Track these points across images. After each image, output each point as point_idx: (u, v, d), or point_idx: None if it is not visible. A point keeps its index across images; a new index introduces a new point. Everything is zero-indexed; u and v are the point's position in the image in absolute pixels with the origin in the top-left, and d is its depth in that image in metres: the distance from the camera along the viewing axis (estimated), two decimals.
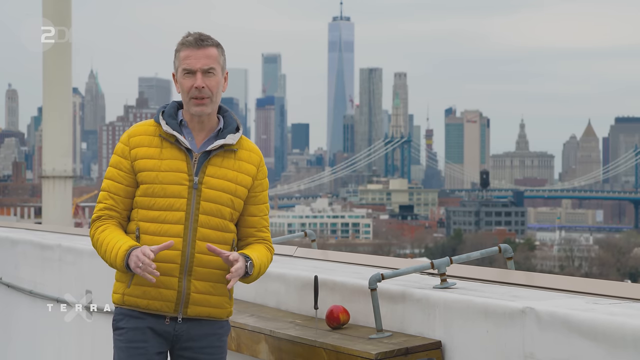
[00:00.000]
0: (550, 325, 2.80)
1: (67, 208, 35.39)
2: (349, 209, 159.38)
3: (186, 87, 3.16)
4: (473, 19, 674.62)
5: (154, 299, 3.15)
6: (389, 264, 3.94)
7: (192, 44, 3.16)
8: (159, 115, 3.22)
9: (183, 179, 3.15)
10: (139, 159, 3.18)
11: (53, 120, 32.80)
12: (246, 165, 3.24)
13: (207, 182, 3.16)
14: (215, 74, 3.18)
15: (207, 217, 3.16)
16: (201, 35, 3.18)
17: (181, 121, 3.21)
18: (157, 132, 3.21)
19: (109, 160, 3.27)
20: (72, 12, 31.59)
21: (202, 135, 3.21)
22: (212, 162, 3.19)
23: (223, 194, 3.18)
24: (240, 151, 3.24)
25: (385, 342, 3.21)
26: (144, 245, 3.10)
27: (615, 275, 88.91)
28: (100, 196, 3.24)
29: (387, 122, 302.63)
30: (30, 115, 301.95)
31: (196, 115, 3.18)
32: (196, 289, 3.16)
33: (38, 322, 6.03)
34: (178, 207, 3.14)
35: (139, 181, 3.19)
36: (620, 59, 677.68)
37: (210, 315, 3.20)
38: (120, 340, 3.19)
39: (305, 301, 3.83)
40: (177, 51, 3.19)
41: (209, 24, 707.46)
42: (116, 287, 3.23)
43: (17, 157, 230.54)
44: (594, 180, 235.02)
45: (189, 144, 3.18)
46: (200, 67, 3.15)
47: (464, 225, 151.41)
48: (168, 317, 3.17)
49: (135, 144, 3.20)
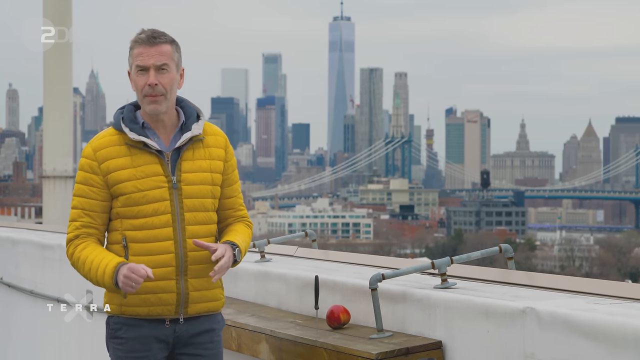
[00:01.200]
0: (551, 325, 2.80)
1: (68, 208, 35.42)
2: (349, 209, 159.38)
3: (140, 84, 3.11)
4: (473, 19, 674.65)
5: (154, 305, 3.12)
6: (390, 264, 3.94)
7: (145, 41, 3.10)
8: (120, 123, 3.15)
9: (161, 182, 3.12)
10: (112, 172, 3.12)
11: (53, 120, 32.82)
12: (215, 151, 3.22)
13: (185, 179, 3.14)
14: (169, 71, 3.11)
15: (192, 213, 3.15)
16: (154, 32, 3.11)
17: (143, 123, 3.16)
18: (122, 140, 3.13)
19: (75, 177, 3.16)
20: (72, 12, 31.60)
21: (166, 132, 3.17)
22: (185, 157, 3.15)
23: (202, 187, 3.17)
24: (206, 138, 3.21)
25: (386, 342, 3.21)
26: (131, 263, 3.05)
27: (615, 275, 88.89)
28: (73, 214, 3.17)
29: (388, 122, 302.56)
30: (31, 115, 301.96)
31: (152, 113, 3.13)
32: (194, 287, 3.15)
33: (38, 322, 6.03)
34: (163, 211, 3.11)
35: (116, 194, 3.13)
36: (620, 59, 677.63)
37: (209, 309, 3.20)
38: (120, 350, 3.16)
39: (305, 301, 3.83)
40: (130, 49, 3.13)
41: (210, 24, 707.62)
42: (110, 298, 3.18)
43: (17, 157, 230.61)
44: (594, 180, 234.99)
45: (157, 145, 3.14)
46: (153, 64, 3.08)
47: (465, 225, 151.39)
48: (168, 320, 3.15)
49: (104, 157, 3.13)
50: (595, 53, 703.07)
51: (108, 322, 3.22)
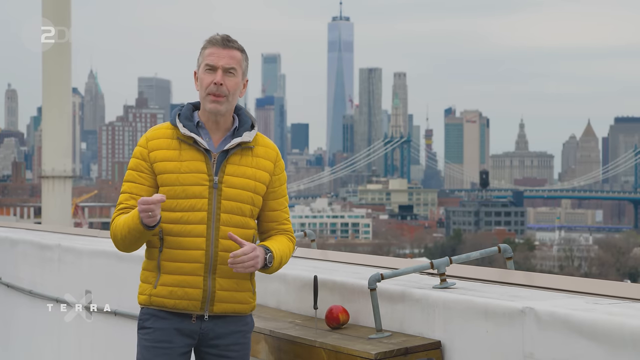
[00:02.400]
0: (550, 325, 2.80)
1: (67, 208, 35.41)
2: (348, 209, 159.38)
3: (206, 82, 3.21)
4: (472, 19, 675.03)
5: (180, 299, 3.20)
6: (389, 264, 3.94)
7: (219, 42, 3.22)
8: (176, 118, 3.26)
9: (203, 180, 3.21)
10: (159, 162, 3.22)
11: (53, 120, 32.82)
12: (263, 162, 3.30)
13: (226, 181, 3.22)
14: (236, 75, 3.23)
15: (229, 215, 3.21)
16: (229, 37, 3.24)
17: (198, 122, 3.27)
18: (174, 134, 3.25)
19: (127, 164, 3.31)
20: (71, 12, 31.62)
21: (218, 134, 3.27)
22: (231, 160, 3.24)
23: (243, 192, 3.24)
24: (256, 148, 3.30)
25: (385, 342, 3.21)
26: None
27: (614, 275, 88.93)
28: (121, 198, 3.27)
29: (387, 122, 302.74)
30: (30, 115, 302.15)
31: (211, 112, 3.23)
32: (221, 286, 3.22)
33: (38, 322, 6.03)
34: (200, 208, 3.19)
35: (159, 183, 3.23)
36: (619, 59, 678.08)
37: (235, 311, 3.26)
38: (146, 340, 3.24)
39: (304, 301, 3.83)
40: (203, 48, 3.25)
41: (209, 23, 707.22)
42: (142, 288, 3.28)
43: (16, 157, 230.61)
44: (593, 180, 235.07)
45: (206, 144, 3.24)
46: (222, 65, 3.20)
47: (464, 225, 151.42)
48: (194, 316, 3.22)
49: (154, 146, 3.24)
50: (594, 53, 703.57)
51: (139, 315, 3.31)
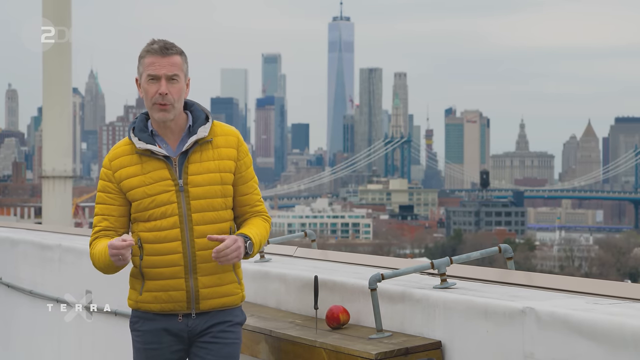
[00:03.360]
0: (550, 325, 2.80)
1: (67, 208, 35.40)
2: (349, 209, 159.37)
3: (150, 92, 3.25)
4: (473, 19, 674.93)
5: (165, 302, 3.27)
6: (389, 264, 3.94)
7: (158, 51, 3.24)
8: (130, 133, 3.32)
9: (169, 185, 3.26)
10: (124, 179, 3.29)
11: (53, 120, 32.81)
12: (225, 151, 3.32)
13: (191, 182, 3.26)
14: (179, 81, 3.26)
15: (200, 214, 3.26)
16: (166, 44, 3.26)
17: (152, 131, 3.31)
18: (133, 149, 3.30)
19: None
20: (72, 12, 31.62)
21: (174, 137, 3.31)
22: (191, 159, 3.28)
23: (210, 187, 3.28)
24: (215, 139, 3.32)
25: (385, 342, 3.21)
26: (113, 240, 3.19)
27: (615, 275, 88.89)
28: (95, 221, 3.37)
29: (387, 122, 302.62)
30: (30, 115, 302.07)
31: (160, 121, 3.27)
32: (204, 284, 3.27)
33: (38, 322, 6.03)
34: (170, 213, 3.25)
35: (130, 199, 3.30)
36: (620, 59, 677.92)
37: (224, 305, 3.31)
38: (138, 342, 3.35)
39: (305, 301, 3.83)
40: (141, 57, 3.28)
41: (209, 24, 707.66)
42: (130, 294, 3.37)
43: (17, 157, 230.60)
44: (594, 180, 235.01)
45: (165, 151, 3.28)
46: (164, 74, 3.23)
47: (464, 225, 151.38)
48: (180, 315, 3.28)
49: (117, 166, 3.31)
50: (595, 53, 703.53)
51: (130, 317, 3.40)
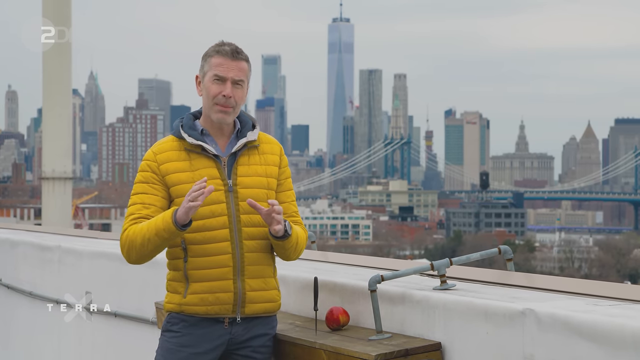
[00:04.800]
0: (550, 327, 2.80)
1: (67, 209, 35.35)
2: (348, 211, 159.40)
3: (213, 92, 3.25)
4: (473, 20, 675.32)
5: (212, 304, 3.24)
6: (389, 266, 3.94)
7: (228, 54, 3.25)
8: (180, 129, 3.30)
9: (218, 185, 3.25)
10: (171, 174, 3.26)
11: (53, 121, 32.77)
12: (271, 157, 3.36)
13: (240, 183, 3.28)
14: (242, 87, 3.28)
15: (248, 216, 3.27)
16: (237, 48, 3.28)
17: (202, 130, 3.31)
18: (181, 146, 3.29)
19: (134, 180, 3.31)
20: (72, 12, 31.59)
21: (223, 139, 3.33)
22: (240, 162, 3.30)
23: (258, 190, 3.29)
24: (262, 145, 3.37)
25: (385, 343, 3.21)
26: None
27: (615, 276, 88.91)
28: (132, 209, 3.26)
29: (387, 123, 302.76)
30: (30, 116, 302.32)
31: (217, 122, 3.28)
32: (251, 287, 3.28)
33: (38, 323, 6.03)
34: (220, 213, 3.24)
35: (174, 196, 3.26)
36: (620, 60, 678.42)
37: (266, 310, 3.32)
38: (170, 342, 3.27)
39: (305, 303, 3.83)
40: (208, 56, 3.28)
41: (209, 25, 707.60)
42: (170, 298, 3.31)
43: (16, 158, 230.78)
44: (593, 181, 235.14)
45: (214, 150, 3.29)
46: (232, 77, 3.25)
47: (464, 226, 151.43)
48: (227, 320, 3.27)
49: (163, 160, 3.27)
50: (595, 54, 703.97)
51: (165, 319, 3.32)
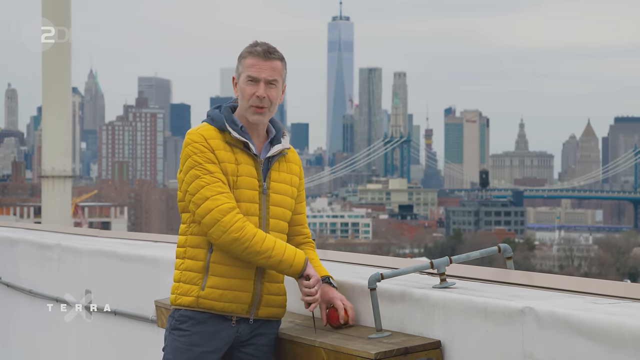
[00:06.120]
0: (550, 325, 2.80)
1: (67, 207, 35.35)
2: (348, 209, 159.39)
3: (248, 93, 3.24)
4: (472, 19, 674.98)
5: (230, 302, 3.24)
6: (389, 264, 3.94)
7: (260, 54, 3.23)
8: (224, 122, 3.25)
9: (255, 185, 3.26)
10: (221, 162, 3.22)
11: (52, 119, 32.77)
12: (294, 167, 3.39)
13: (273, 187, 3.28)
14: (277, 86, 3.26)
15: (276, 220, 3.29)
16: (269, 47, 3.25)
17: (241, 127, 3.29)
18: (224, 137, 3.25)
19: (188, 162, 3.18)
20: (71, 12, 31.57)
21: (258, 140, 3.32)
22: (274, 167, 3.31)
23: (286, 198, 3.32)
24: (289, 154, 3.38)
25: (385, 341, 3.21)
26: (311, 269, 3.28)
27: (614, 274, 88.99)
28: (215, 187, 3.15)
29: (387, 121, 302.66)
30: (30, 114, 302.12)
31: (254, 123, 3.27)
32: (268, 290, 3.31)
33: (38, 322, 6.03)
34: (253, 212, 3.24)
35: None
36: (619, 59, 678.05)
37: (277, 315, 3.37)
38: (179, 341, 3.24)
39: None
40: (242, 57, 3.26)
41: (209, 23, 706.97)
42: (185, 289, 3.25)
43: (16, 156, 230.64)
44: (593, 180, 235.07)
45: (255, 149, 3.27)
46: (265, 77, 3.23)
47: (464, 225, 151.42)
48: (235, 319, 3.26)
49: (214, 147, 3.24)
50: (594, 53, 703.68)
51: (172, 314, 3.29)
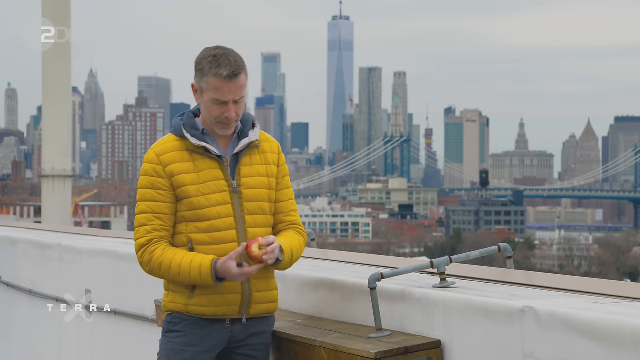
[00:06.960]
0: (550, 325, 2.80)
1: (67, 207, 35.38)
2: (348, 209, 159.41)
3: (215, 114, 3.21)
4: (473, 18, 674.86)
5: (220, 305, 3.24)
6: (389, 263, 3.94)
7: (226, 78, 3.15)
8: (182, 129, 3.26)
9: (223, 186, 3.24)
10: (177, 175, 3.22)
11: (53, 119, 32.79)
12: (270, 156, 3.36)
13: (244, 183, 3.27)
14: (243, 98, 3.24)
15: (252, 216, 3.27)
16: (233, 69, 3.15)
17: (203, 130, 3.28)
18: (183, 146, 3.26)
19: (138, 184, 3.26)
20: (71, 12, 31.58)
21: (225, 139, 3.30)
22: (243, 162, 3.29)
23: (261, 190, 3.29)
24: (262, 144, 3.35)
25: (385, 341, 3.21)
26: (217, 256, 3.17)
27: (614, 274, 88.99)
28: (142, 219, 3.22)
29: (387, 121, 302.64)
30: (30, 114, 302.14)
31: (223, 135, 3.27)
32: (257, 288, 3.29)
33: (38, 322, 6.03)
34: (226, 214, 3.23)
35: (180, 197, 3.23)
36: (619, 58, 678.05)
37: (269, 311, 3.35)
38: (174, 343, 3.26)
39: (304, 300, 3.83)
40: (204, 74, 3.17)
41: (209, 22, 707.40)
42: (174, 297, 3.27)
43: (16, 156, 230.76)
44: (593, 179, 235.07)
45: (217, 150, 3.26)
46: (232, 99, 3.19)
47: (464, 224, 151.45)
48: (229, 320, 3.27)
49: (168, 161, 3.24)
50: (594, 52, 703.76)
51: (166, 319, 3.30)
